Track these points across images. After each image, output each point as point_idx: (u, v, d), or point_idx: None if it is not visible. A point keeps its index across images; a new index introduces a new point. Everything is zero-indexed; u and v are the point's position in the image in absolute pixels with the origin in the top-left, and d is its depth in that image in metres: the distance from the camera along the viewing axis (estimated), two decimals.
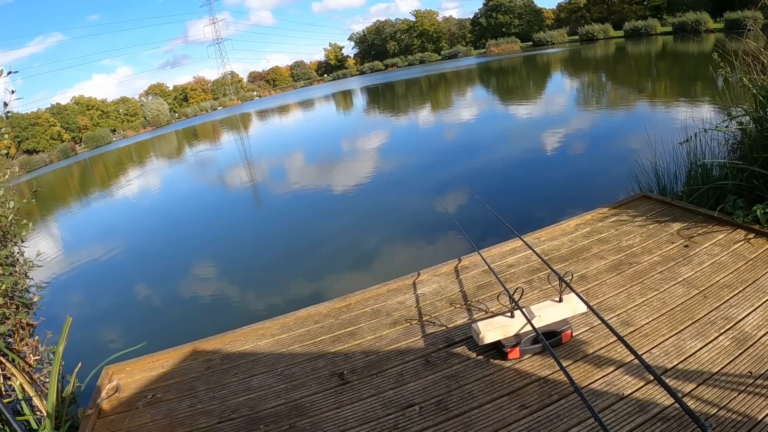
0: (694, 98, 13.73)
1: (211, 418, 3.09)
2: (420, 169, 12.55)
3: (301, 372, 3.39)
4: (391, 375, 3.14)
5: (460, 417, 2.65)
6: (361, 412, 2.85)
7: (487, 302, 3.82)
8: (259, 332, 4.10)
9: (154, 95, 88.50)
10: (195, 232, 11.12)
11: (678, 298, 3.36)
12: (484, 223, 6.88)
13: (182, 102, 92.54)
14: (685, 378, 2.61)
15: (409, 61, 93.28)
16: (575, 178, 9.00)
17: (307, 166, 16.15)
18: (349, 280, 6.51)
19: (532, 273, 4.20)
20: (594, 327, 3.21)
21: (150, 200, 16.57)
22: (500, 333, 3.02)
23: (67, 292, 8.63)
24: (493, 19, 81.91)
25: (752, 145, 4.56)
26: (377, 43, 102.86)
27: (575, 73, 31.08)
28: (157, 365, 3.92)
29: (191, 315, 6.66)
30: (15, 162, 12.02)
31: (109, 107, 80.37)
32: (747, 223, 4.14)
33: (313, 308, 4.28)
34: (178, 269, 8.67)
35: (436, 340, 3.43)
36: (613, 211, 5.13)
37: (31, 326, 4.22)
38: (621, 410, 2.47)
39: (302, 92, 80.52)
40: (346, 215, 9.69)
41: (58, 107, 72.65)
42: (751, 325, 2.91)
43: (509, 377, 2.89)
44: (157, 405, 3.36)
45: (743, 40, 4.79)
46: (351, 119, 29.70)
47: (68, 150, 60.03)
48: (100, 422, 3.28)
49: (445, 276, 4.43)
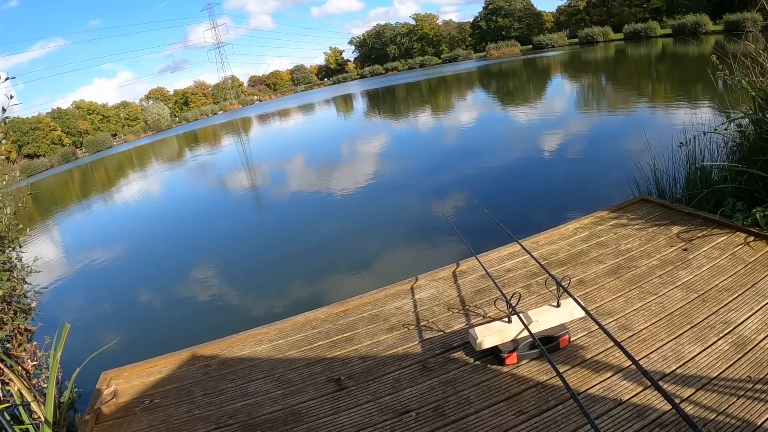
0: (693, 101, 13.73)
1: (208, 423, 3.07)
2: (419, 173, 12.55)
3: (298, 378, 3.38)
4: (388, 381, 3.13)
5: (457, 423, 2.64)
6: (358, 418, 2.83)
7: (485, 307, 3.81)
8: (256, 338, 4.09)
9: (155, 99, 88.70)
10: (194, 236, 11.13)
11: (677, 302, 3.34)
12: (482, 228, 6.87)
13: (183, 106, 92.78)
14: (684, 383, 2.59)
15: (409, 65, 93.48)
16: (574, 182, 8.99)
17: (307, 170, 16.15)
18: (347, 284, 6.51)
19: (530, 277, 4.18)
20: (592, 332, 3.20)
21: (150, 205, 16.59)
22: (497, 338, 3.01)
23: (66, 296, 8.62)
24: (492, 22, 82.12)
25: (751, 148, 4.55)
26: (377, 47, 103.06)
27: (575, 75, 31.11)
28: (155, 371, 3.90)
29: (189, 320, 6.65)
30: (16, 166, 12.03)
31: (109, 111, 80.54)
32: (746, 226, 4.12)
33: (310, 313, 4.27)
34: (177, 274, 8.67)
35: (434, 345, 3.41)
36: (612, 215, 5.12)
37: (29, 331, 4.22)
38: (618, 416, 2.45)
39: (302, 96, 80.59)
40: (344, 219, 9.68)
41: (59, 111, 72.83)
42: (751, 329, 2.90)
43: (506, 383, 2.88)
44: (155, 411, 3.35)
45: (742, 42, 4.78)
46: (351, 123, 29.72)
47: (69, 154, 60.12)
48: (97, 428, 3.27)
49: (442, 281, 4.42)
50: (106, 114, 79.50)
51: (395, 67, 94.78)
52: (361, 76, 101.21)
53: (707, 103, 11.93)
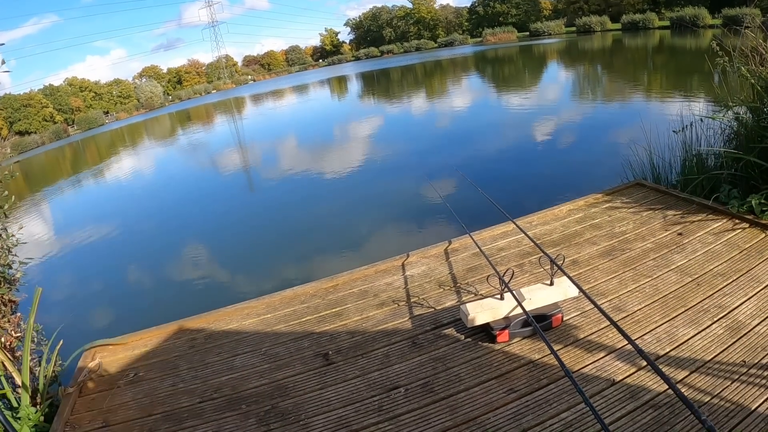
0: (690, 90, 13.70)
1: (193, 397, 3.02)
2: (413, 154, 12.47)
3: (285, 352, 3.33)
4: (376, 356, 3.08)
5: (447, 400, 2.60)
6: (345, 394, 2.79)
7: (477, 285, 3.76)
8: (244, 311, 4.03)
9: (148, 78, 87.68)
10: (185, 213, 11.04)
11: (671, 285, 3.31)
12: (476, 208, 6.81)
13: (176, 85, 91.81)
14: (678, 365, 2.56)
15: (405, 48, 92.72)
16: (569, 166, 8.95)
17: (300, 151, 16.02)
18: (338, 261, 6.45)
19: (524, 257, 4.14)
20: (585, 312, 3.16)
21: (140, 182, 16.42)
22: (489, 315, 2.96)
23: (54, 271, 8.53)
24: (490, 8, 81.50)
25: (748, 135, 4.51)
26: (373, 30, 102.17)
27: (571, 63, 30.98)
28: (141, 344, 3.84)
29: (178, 295, 6.58)
30: (7, 143, 11.87)
31: (102, 89, 79.57)
32: (741, 213, 4.10)
33: (299, 288, 4.22)
34: (168, 250, 8.58)
35: (424, 321, 3.37)
36: (607, 198, 5.08)
37: (13, 302, 4.14)
38: (612, 396, 2.42)
39: (297, 77, 79.95)
40: (337, 199, 9.61)
41: (51, 88, 71.84)
42: (745, 315, 2.87)
43: (498, 360, 2.83)
44: (139, 384, 3.29)
45: (742, 32, 4.74)
46: (345, 105, 29.51)
47: (61, 131, 59.41)
48: (80, 401, 3.21)
49: (434, 258, 4.37)
50: (98, 91, 78.54)
51: (391, 50, 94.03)
52: (356, 58, 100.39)
53: (704, 94, 11.90)
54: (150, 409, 2.98)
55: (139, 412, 2.98)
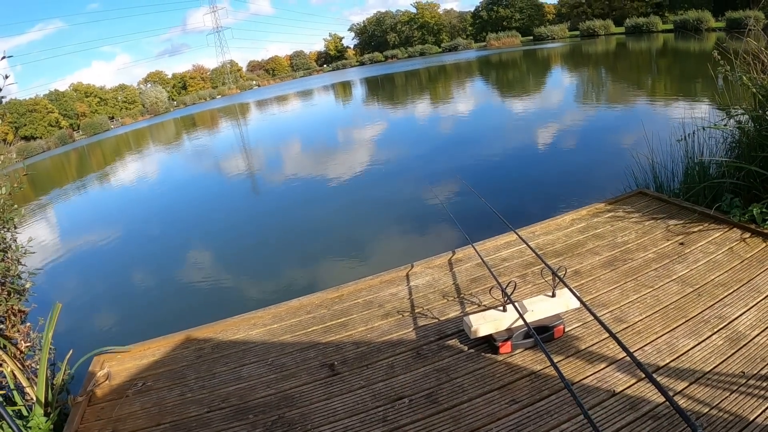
0: (693, 96, 13.70)
1: (201, 407, 3.07)
2: (417, 160, 12.51)
3: (292, 362, 3.37)
4: (381, 367, 3.13)
5: (450, 411, 2.64)
6: (351, 404, 2.83)
7: (480, 296, 3.80)
8: (251, 321, 4.08)
9: (153, 83, 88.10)
10: (190, 220, 11.10)
11: (672, 295, 3.34)
12: (479, 217, 6.86)
13: (181, 90, 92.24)
14: (677, 376, 2.59)
15: (409, 53, 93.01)
16: (571, 174, 8.98)
17: (304, 157, 16.09)
18: (343, 270, 6.50)
19: (526, 267, 4.18)
20: (587, 323, 3.19)
21: (146, 188, 16.51)
22: (492, 327, 3.01)
23: (61, 278, 8.60)
24: (494, 12, 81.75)
25: (750, 144, 4.53)
26: (377, 35, 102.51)
27: (575, 68, 31.02)
28: (149, 353, 3.90)
29: (184, 303, 6.64)
30: (12, 148, 11.93)
31: (107, 94, 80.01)
32: (743, 222, 4.12)
33: (305, 298, 4.26)
34: (173, 257, 8.65)
35: (428, 332, 3.41)
36: (609, 207, 5.11)
37: (22, 312, 4.19)
38: (611, 407, 2.45)
39: (301, 82, 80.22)
40: (341, 206, 9.66)
41: (56, 94, 72.26)
42: (745, 325, 2.90)
43: (500, 371, 2.87)
44: (147, 393, 3.34)
45: (744, 38, 4.76)
46: (349, 110, 29.59)
47: (66, 137, 59.74)
48: (90, 410, 3.26)
49: (438, 268, 4.41)
50: (103, 97, 78.97)
51: (395, 55, 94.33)
52: (361, 63, 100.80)
53: (707, 100, 11.89)
54: (159, 419, 3.03)
55: (148, 421, 3.03)
